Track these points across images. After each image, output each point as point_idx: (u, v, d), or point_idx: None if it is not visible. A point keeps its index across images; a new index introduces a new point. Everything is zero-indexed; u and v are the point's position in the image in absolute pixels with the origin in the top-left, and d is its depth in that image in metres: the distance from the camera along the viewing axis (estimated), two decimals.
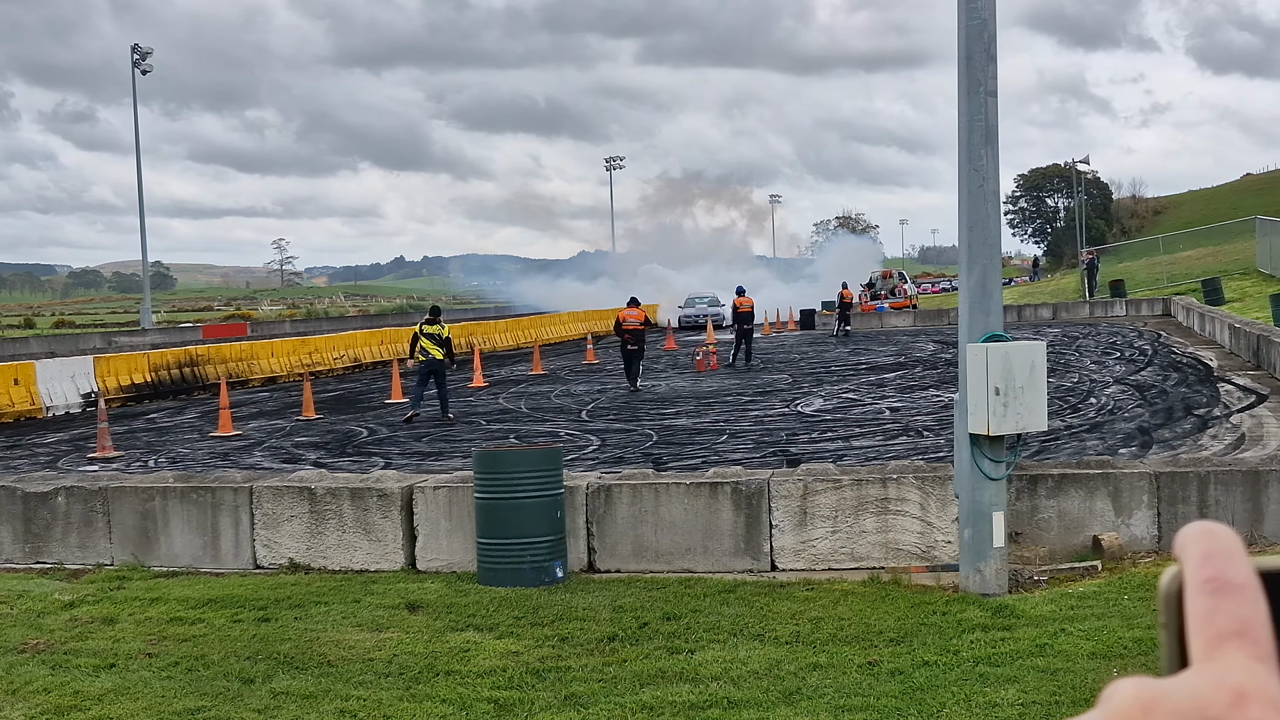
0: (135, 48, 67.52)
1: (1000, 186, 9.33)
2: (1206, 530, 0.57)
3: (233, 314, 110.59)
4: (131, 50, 67.40)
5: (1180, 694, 0.52)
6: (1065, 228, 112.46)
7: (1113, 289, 58.78)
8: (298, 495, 10.74)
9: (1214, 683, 0.52)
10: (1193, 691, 0.52)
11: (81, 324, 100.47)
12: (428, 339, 22.42)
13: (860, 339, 46.68)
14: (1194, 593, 0.55)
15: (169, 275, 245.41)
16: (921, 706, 6.57)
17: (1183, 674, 0.53)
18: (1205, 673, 0.52)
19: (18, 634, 8.80)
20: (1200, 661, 0.53)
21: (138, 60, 67.44)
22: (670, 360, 38.20)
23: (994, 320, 8.99)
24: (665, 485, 10.26)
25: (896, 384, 26.52)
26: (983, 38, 8.89)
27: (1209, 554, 0.56)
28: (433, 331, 22.50)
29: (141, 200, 69.51)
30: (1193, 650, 0.54)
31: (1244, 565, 0.56)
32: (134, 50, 67.48)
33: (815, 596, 8.93)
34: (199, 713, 6.94)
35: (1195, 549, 0.57)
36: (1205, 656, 0.53)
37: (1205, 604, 0.55)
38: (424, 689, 7.22)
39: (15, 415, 26.06)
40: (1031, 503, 10.09)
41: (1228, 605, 0.54)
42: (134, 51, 67.45)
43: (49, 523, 11.37)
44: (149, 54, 67.94)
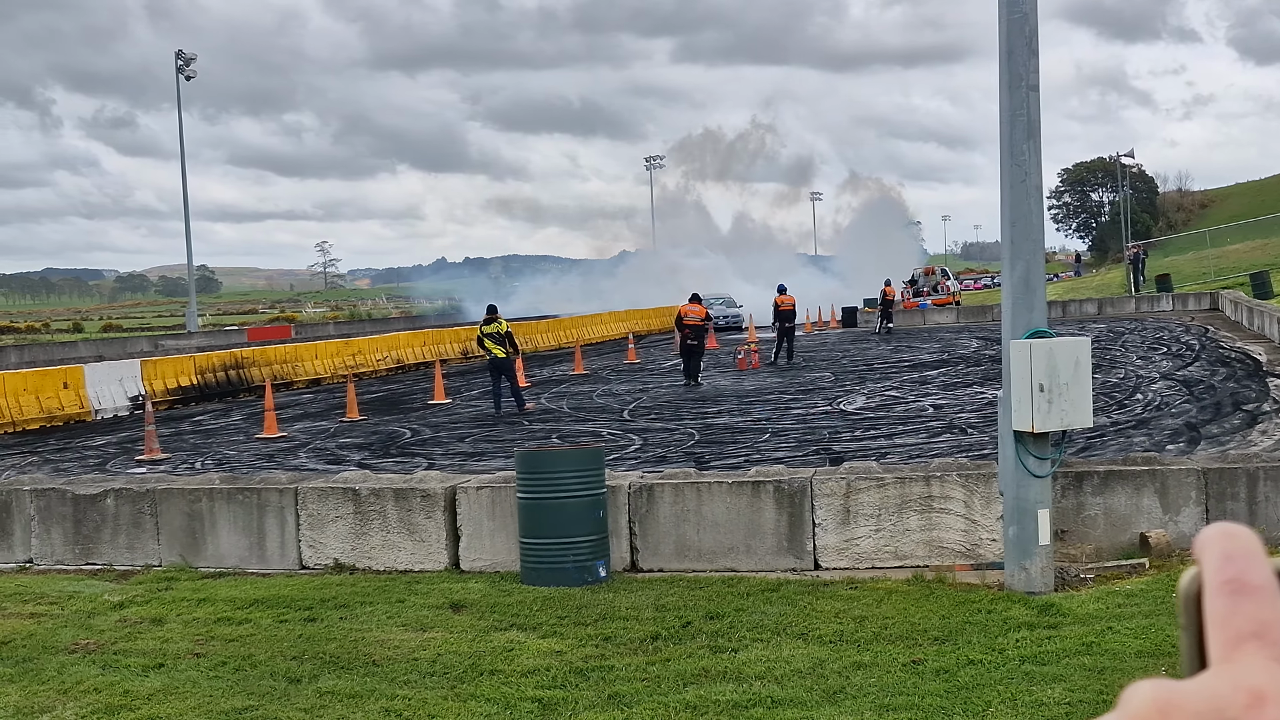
0: (179, 54, 68.17)
1: (1043, 181, 9.26)
2: (1226, 531, 0.57)
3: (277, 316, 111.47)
4: (175, 56, 68.07)
5: (1198, 695, 0.51)
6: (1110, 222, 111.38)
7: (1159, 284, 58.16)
8: (342, 496, 10.81)
9: (1232, 684, 0.52)
10: (1211, 693, 0.51)
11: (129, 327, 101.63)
12: (489, 339, 23.11)
13: (903, 336, 46.45)
14: (1213, 594, 0.55)
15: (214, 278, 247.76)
16: (966, 705, 6.53)
17: (1201, 675, 0.53)
18: (1223, 674, 0.52)
19: (69, 634, 8.92)
20: (1219, 663, 0.53)
21: (181, 66, 68.08)
22: (712, 359, 38.16)
23: (1038, 316, 8.92)
24: (708, 484, 10.25)
25: (940, 381, 26.37)
26: (1024, 32, 8.83)
27: (1228, 555, 0.56)
28: (491, 330, 23.16)
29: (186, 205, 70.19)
30: (1211, 652, 0.54)
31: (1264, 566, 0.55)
32: (178, 56, 68.14)
33: (859, 595, 8.89)
34: (246, 712, 7.00)
35: (1214, 550, 0.56)
36: (1224, 658, 0.53)
37: (1224, 605, 0.54)
38: (468, 688, 7.25)
39: (65, 418, 26.39)
40: (1077, 500, 10.00)
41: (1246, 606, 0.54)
42: (178, 58, 68.11)
43: (98, 524, 11.51)
44: (193, 59, 68.59)
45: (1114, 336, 37.01)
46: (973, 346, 37.74)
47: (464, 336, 45.79)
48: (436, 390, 27.69)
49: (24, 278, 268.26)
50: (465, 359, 43.59)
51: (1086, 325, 43.91)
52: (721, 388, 27.37)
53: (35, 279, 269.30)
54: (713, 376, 30.42)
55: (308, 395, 31.54)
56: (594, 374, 33.60)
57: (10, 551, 11.79)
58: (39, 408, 26.02)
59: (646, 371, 34.07)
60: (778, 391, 25.81)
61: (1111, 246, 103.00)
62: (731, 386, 27.52)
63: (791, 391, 25.70)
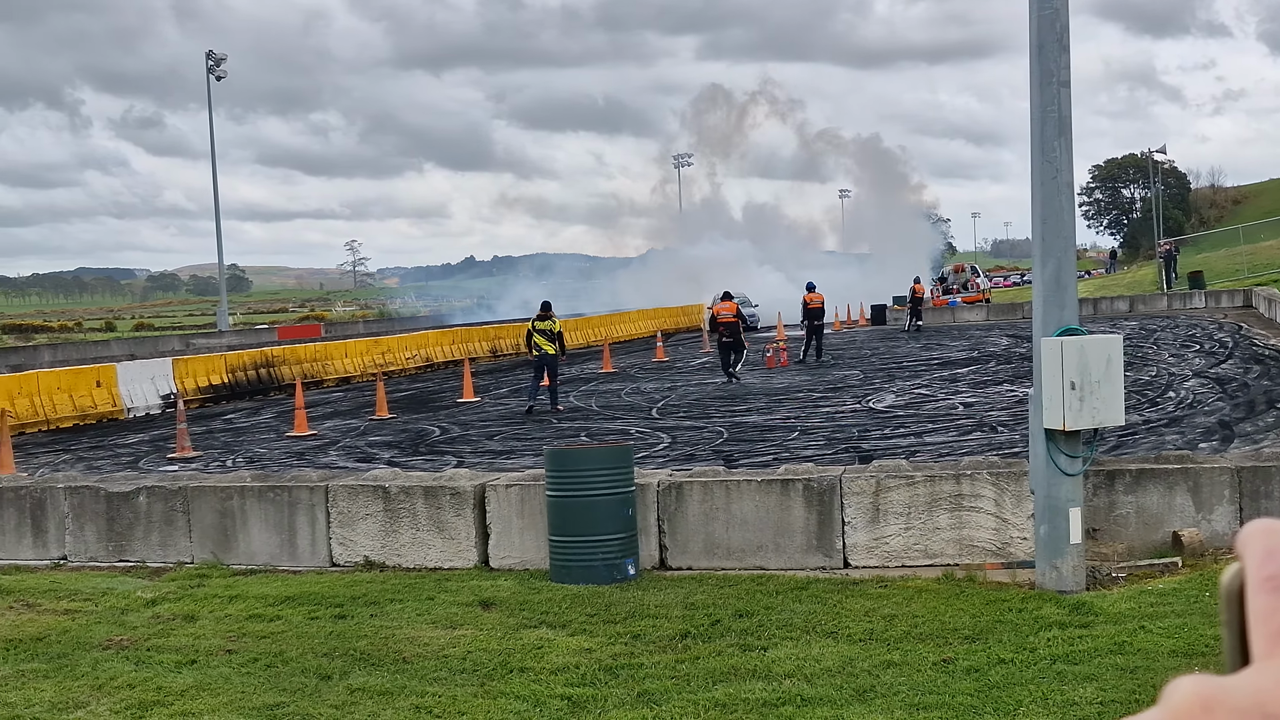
0: (210, 54, 68.56)
1: (1074, 178, 9.20)
2: (1269, 527, 0.57)
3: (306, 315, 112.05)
4: (206, 57, 68.46)
5: (1241, 691, 0.51)
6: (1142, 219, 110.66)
7: (1191, 281, 57.74)
8: (372, 494, 10.86)
9: (1275, 680, 0.51)
10: (1254, 689, 0.51)
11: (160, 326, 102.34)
12: (540, 335, 23.15)
13: (932, 334, 46.28)
14: (1255, 590, 0.55)
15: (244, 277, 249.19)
16: (998, 705, 6.50)
17: (1244, 671, 0.53)
18: (1267, 670, 0.52)
19: (103, 630, 8.99)
20: (1262, 659, 0.53)
21: (212, 66, 68.47)
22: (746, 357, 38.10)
23: (1069, 314, 8.87)
24: (736, 482, 10.24)
25: (970, 379, 26.26)
26: (1055, 27, 8.77)
27: (1271, 551, 0.56)
28: (544, 327, 23.24)
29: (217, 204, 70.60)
30: (1254, 648, 0.54)
31: None
32: (208, 56, 68.53)
33: (888, 593, 8.87)
34: (278, 708, 7.04)
35: (1257, 546, 0.56)
36: (1266, 654, 0.53)
37: (1266, 602, 0.54)
38: (498, 686, 7.27)
39: (98, 416, 26.61)
40: (1109, 498, 9.94)
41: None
42: (208, 58, 68.50)
43: (131, 522, 11.60)
44: (223, 60, 68.96)
45: (1146, 334, 36.77)
46: (1003, 344, 37.55)
47: (493, 335, 45.91)
48: (465, 389, 27.77)
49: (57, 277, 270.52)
50: (494, 357, 43.70)
51: (1118, 323, 43.62)
52: (750, 386, 27.33)
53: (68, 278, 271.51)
54: (741, 375, 30.36)
55: (337, 393, 31.69)
56: (622, 372, 33.62)
57: (45, 548, 11.89)
58: (72, 406, 26.25)
59: (675, 369, 34.06)
60: (806, 389, 25.76)
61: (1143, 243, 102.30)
62: (760, 384, 27.48)
63: (820, 389, 25.64)
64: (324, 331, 69.28)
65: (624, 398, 26.03)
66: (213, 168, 69.55)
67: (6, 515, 12.08)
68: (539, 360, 23.46)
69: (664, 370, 34.01)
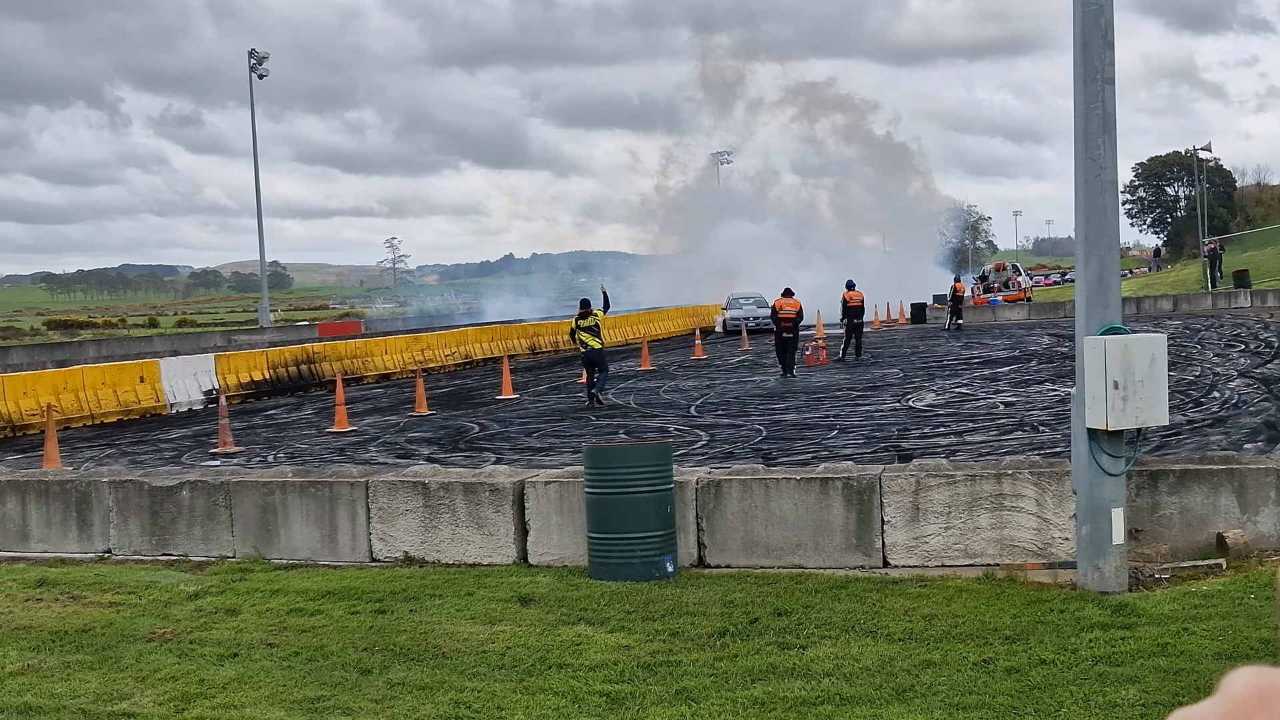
0: (252, 52, 69.04)
1: (1118, 176, 9.12)
2: None
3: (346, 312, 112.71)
4: (249, 55, 68.94)
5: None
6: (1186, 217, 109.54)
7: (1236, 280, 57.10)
8: (412, 490, 10.91)
9: None
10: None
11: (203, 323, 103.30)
12: (584, 331, 23.61)
13: (973, 333, 46.00)
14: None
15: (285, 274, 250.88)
16: (1038, 706, 6.46)
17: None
18: None
19: (146, 623, 9.09)
20: None
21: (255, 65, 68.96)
22: None
23: (1112, 313, 8.79)
24: (775, 480, 10.22)
25: (1011, 378, 26.08)
26: (1099, 24, 8.70)
27: None
28: (589, 324, 23.79)
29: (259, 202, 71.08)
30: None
31: None
32: (250, 55, 69.00)
33: (928, 593, 8.82)
34: (319, 702, 7.09)
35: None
36: None
37: None
38: (537, 681, 7.29)
39: (142, 411, 26.88)
40: (1152, 499, 9.85)
41: None
42: (250, 56, 68.97)
43: (174, 516, 11.71)
44: (265, 58, 69.44)
45: (1190, 333, 36.40)
46: (1044, 343, 37.28)
47: (531, 332, 46.02)
48: (504, 386, 27.85)
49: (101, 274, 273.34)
50: (532, 355, 43.79)
51: (1161, 322, 43.21)
52: (790, 384, 27.27)
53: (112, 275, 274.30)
54: (780, 372, 30.31)
55: (377, 390, 31.87)
56: (661, 370, 33.62)
57: (90, 541, 12.03)
58: (116, 401, 26.53)
59: (714, 367, 34.03)
60: (846, 388, 25.67)
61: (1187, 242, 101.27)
62: (799, 382, 27.41)
63: (860, 388, 25.54)
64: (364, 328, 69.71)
65: (662, 395, 26.03)
66: (254, 166, 70.05)
67: (53, 509, 12.23)
68: (584, 356, 24.06)
69: (703, 368, 33.98)
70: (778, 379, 28.47)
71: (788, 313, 28.97)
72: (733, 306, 54.74)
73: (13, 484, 12.49)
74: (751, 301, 54.58)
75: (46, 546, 12.19)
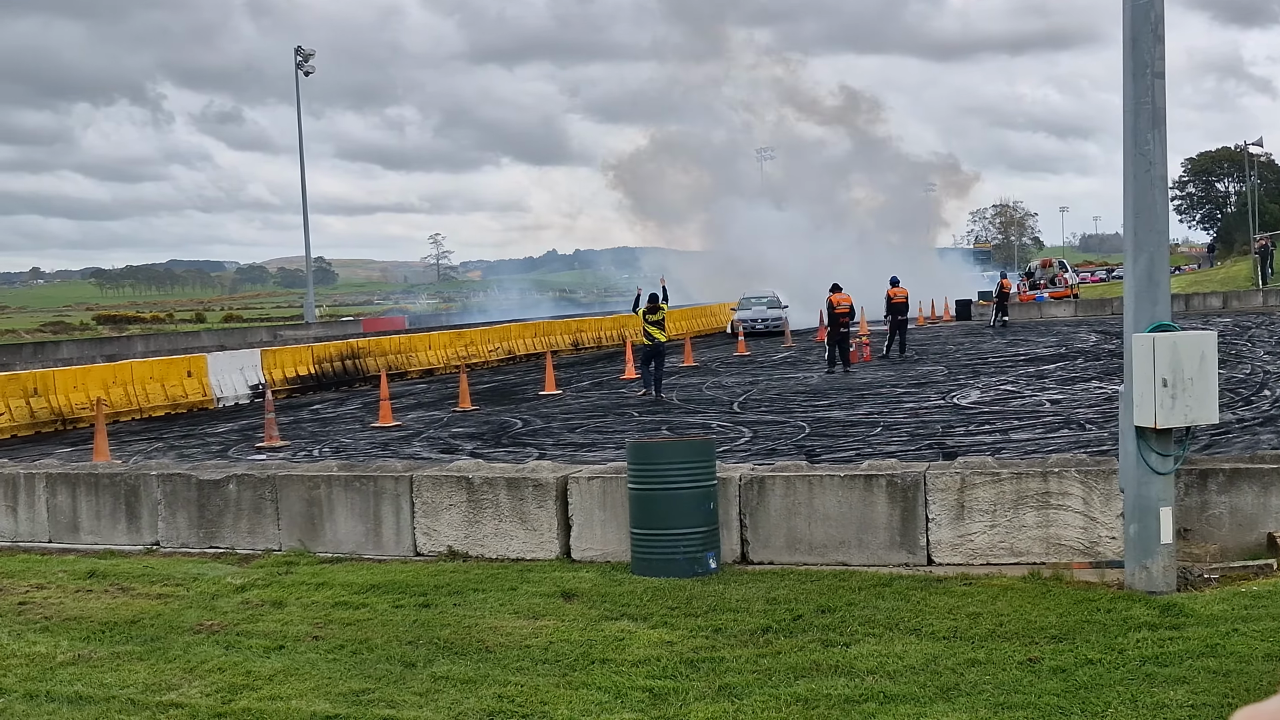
0: (298, 49, 69.51)
1: (1168, 172, 9.01)
2: None
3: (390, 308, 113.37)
4: (295, 52, 69.41)
5: None
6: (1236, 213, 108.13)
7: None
8: (456, 485, 10.96)
9: None
10: None
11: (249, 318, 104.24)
12: (652, 325, 24.11)
13: (1018, 330, 45.65)
14: None
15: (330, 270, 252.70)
16: (1085, 705, 6.40)
17: None
18: None
19: (194, 615, 9.18)
20: None
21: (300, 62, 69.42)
22: (822, 351, 37.87)
23: (1161, 309, 8.70)
24: (819, 477, 10.18)
25: (1057, 376, 25.86)
26: (1149, 18, 8.60)
27: None
28: (655, 319, 24.11)
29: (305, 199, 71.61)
30: None
31: None
32: (297, 52, 69.47)
33: (973, 591, 8.76)
34: (364, 694, 7.14)
35: None
36: None
37: None
38: (579, 676, 7.30)
39: (189, 406, 27.16)
40: (1201, 498, 9.74)
41: None
42: (297, 53, 69.44)
43: (221, 509, 11.83)
44: (311, 55, 69.89)
45: (1240, 331, 35.95)
46: (1091, 340, 36.94)
47: (574, 328, 46.09)
48: (547, 381, 27.92)
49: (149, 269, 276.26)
50: (575, 350, 43.86)
51: (1211, 319, 42.71)
52: (832, 381, 27.17)
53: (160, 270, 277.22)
54: (823, 369, 30.21)
55: (421, 385, 32.04)
56: (703, 366, 33.59)
57: (138, 534, 12.17)
58: (164, 395, 26.82)
59: (756, 364, 33.95)
60: (889, 385, 25.54)
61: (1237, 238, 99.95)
62: (842, 380, 27.30)
63: (904, 385, 25.41)
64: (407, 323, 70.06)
65: (705, 391, 26.00)
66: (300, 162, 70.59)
67: (102, 501, 12.38)
68: (648, 349, 24.34)
69: (746, 364, 33.91)
70: (821, 375, 28.37)
71: (843, 307, 29.58)
72: (743, 306, 50.03)
73: (64, 477, 12.66)
74: (763, 301, 50.30)
75: (96, 538, 12.35)
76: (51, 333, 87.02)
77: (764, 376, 29.30)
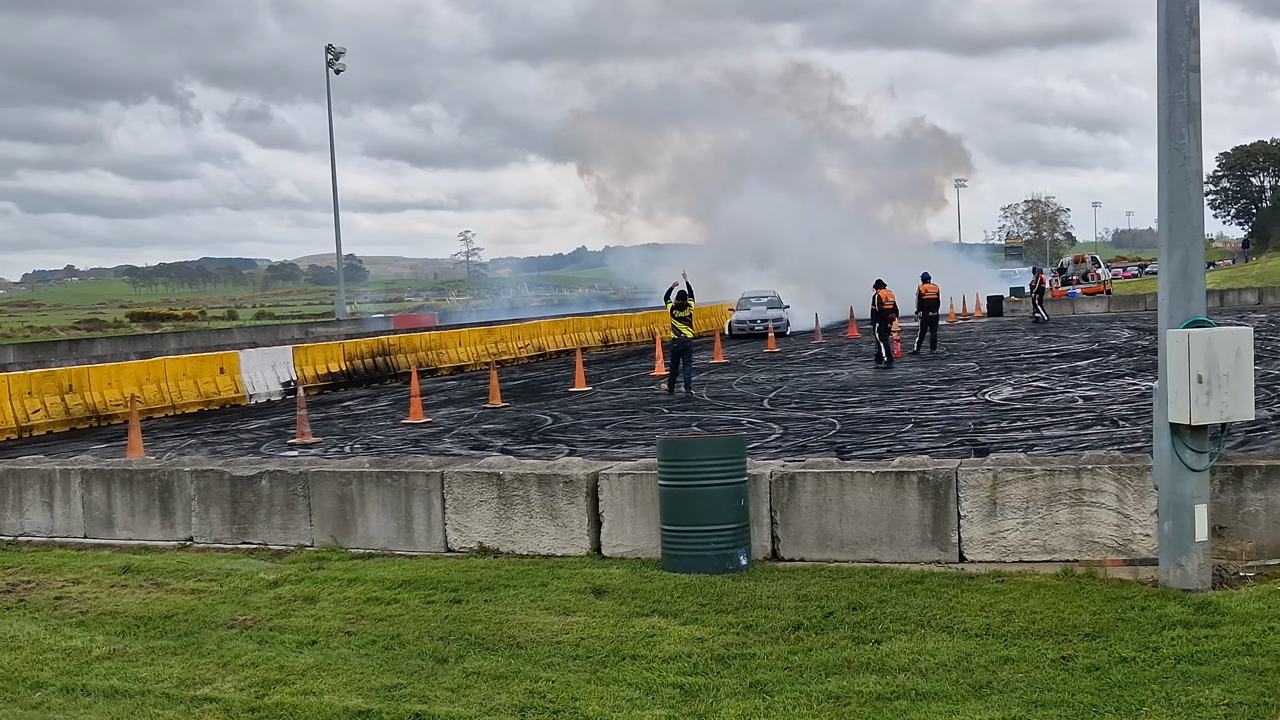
0: (329, 48, 69.84)
1: (1203, 166, 8.93)
2: None
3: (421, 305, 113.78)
4: (325, 50, 69.74)
5: None
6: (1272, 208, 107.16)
7: None
8: (487, 481, 10.99)
9: None
10: None
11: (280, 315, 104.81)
12: (680, 321, 24.28)
13: (1051, 325, 45.39)
14: None
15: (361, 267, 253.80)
16: (1119, 704, 6.36)
17: None
18: None
19: (227, 610, 9.25)
20: None
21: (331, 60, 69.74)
22: (853, 348, 37.76)
23: (1196, 305, 8.62)
24: (850, 474, 10.15)
25: (1090, 372, 25.70)
26: (1184, 10, 8.53)
27: None
28: (684, 315, 24.28)
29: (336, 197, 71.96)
30: None
31: None
32: (328, 50, 69.81)
33: (1005, 589, 8.72)
34: (396, 690, 7.17)
35: None
36: None
37: None
38: (610, 672, 7.31)
39: (221, 402, 27.34)
40: (1236, 496, 9.65)
41: None
42: (328, 51, 69.78)
43: (254, 505, 11.90)
44: (342, 54, 70.20)
45: (1276, 326, 35.61)
46: (1124, 337, 36.69)
47: (604, 325, 46.12)
48: (577, 378, 27.96)
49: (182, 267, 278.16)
50: (605, 347, 43.89)
51: (1246, 315, 42.36)
52: (863, 377, 27.09)
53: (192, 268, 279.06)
54: (854, 365, 30.14)
55: (451, 382, 32.13)
56: (733, 362, 33.55)
57: (172, 529, 12.27)
58: (197, 392, 27.01)
59: (786, 360, 33.89)
60: (920, 381, 25.44)
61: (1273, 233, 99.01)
62: (873, 376, 27.22)
63: (935, 381, 25.30)
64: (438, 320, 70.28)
65: (735, 388, 25.97)
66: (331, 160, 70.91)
67: (136, 497, 12.48)
68: (675, 344, 24.43)
69: (776, 361, 33.86)
70: (851, 372, 28.29)
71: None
72: (741, 307, 47.23)
73: (99, 473, 12.76)
74: (764, 301, 47.30)
75: (131, 534, 12.45)
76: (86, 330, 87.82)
77: (794, 373, 29.24)
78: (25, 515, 12.99)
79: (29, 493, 13.00)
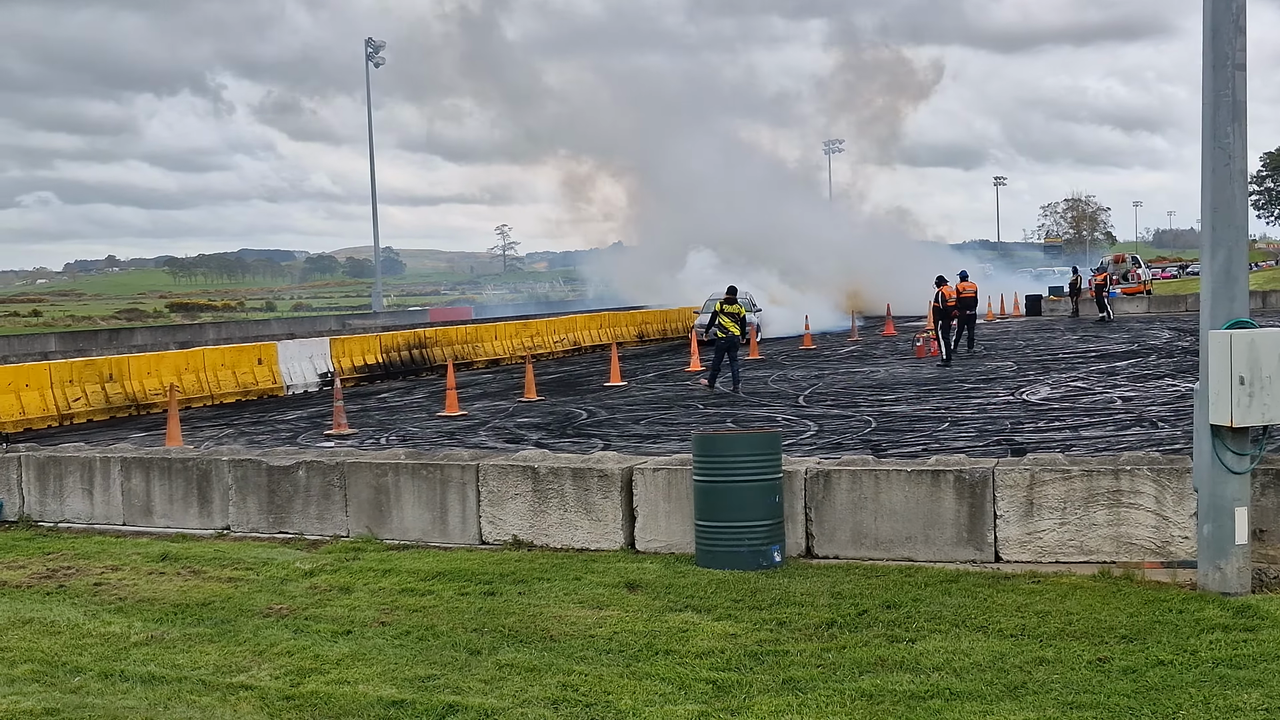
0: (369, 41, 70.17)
1: (1247, 166, 8.83)
2: None
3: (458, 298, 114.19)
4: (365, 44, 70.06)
5: None
6: None
7: None
8: (521, 474, 11.01)
9: None
10: None
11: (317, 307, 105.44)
12: (727, 317, 23.92)
13: (1089, 326, 45.05)
14: None
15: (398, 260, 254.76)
16: (1156, 707, 6.31)
17: None
18: None
19: (263, 599, 9.31)
20: None
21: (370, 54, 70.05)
22: (889, 346, 37.62)
23: (1239, 306, 8.53)
24: (885, 472, 10.11)
25: (1129, 373, 25.49)
26: (1230, 8, 8.43)
27: None
28: (732, 311, 23.88)
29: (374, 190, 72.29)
30: None
31: None
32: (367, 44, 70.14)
33: (1041, 589, 8.66)
34: (429, 681, 7.20)
35: None
36: None
37: None
38: (643, 667, 7.32)
39: (259, 393, 27.53)
40: (1278, 499, 9.55)
41: None
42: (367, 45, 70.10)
43: (290, 495, 11.98)
44: (382, 47, 70.50)
45: None
46: (1164, 337, 36.37)
47: (639, 320, 46.13)
48: (612, 373, 27.98)
49: (221, 258, 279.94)
50: (640, 343, 43.89)
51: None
52: (899, 375, 26.98)
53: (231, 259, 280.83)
54: (890, 364, 30.02)
55: (487, 375, 32.23)
56: (769, 359, 33.49)
57: (209, 518, 12.37)
58: (235, 382, 27.21)
59: (822, 358, 33.80)
60: (957, 380, 25.31)
61: None
62: (909, 374, 27.10)
63: (972, 380, 25.17)
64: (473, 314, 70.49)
65: (770, 385, 25.92)
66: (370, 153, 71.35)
67: (175, 486, 12.59)
68: (722, 342, 24.23)
69: (811, 358, 33.77)
70: (888, 370, 28.17)
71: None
72: (707, 310, 40.32)
73: (138, 461, 12.88)
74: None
75: (169, 522, 12.56)
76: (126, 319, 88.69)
77: (830, 370, 29.16)
78: (66, 502, 13.14)
79: (69, 480, 13.14)
